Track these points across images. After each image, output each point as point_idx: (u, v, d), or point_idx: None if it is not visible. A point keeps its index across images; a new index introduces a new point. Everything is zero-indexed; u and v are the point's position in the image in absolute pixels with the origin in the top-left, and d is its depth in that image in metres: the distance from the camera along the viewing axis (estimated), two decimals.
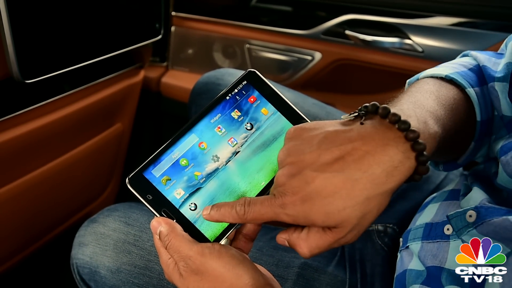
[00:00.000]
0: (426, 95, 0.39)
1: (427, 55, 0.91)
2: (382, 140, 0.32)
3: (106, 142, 0.95)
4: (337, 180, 0.31)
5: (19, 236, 0.87)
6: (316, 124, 0.36)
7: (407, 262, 0.46)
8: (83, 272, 0.57)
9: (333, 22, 0.97)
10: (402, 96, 0.39)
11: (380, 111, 0.33)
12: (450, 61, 0.48)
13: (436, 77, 0.44)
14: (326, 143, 0.33)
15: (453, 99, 0.41)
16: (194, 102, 0.77)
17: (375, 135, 0.32)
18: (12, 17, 0.57)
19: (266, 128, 0.43)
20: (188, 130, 0.42)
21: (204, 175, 0.41)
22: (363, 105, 0.35)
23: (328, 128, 0.34)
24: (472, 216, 0.39)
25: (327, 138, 0.33)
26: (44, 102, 0.71)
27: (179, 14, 1.11)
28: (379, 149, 0.31)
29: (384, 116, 0.33)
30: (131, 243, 0.56)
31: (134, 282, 0.54)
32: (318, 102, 0.72)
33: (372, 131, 0.32)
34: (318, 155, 0.32)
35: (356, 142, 0.32)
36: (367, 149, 0.31)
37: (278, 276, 0.54)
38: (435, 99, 0.39)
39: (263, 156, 0.43)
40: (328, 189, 0.31)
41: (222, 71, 0.77)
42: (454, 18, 0.90)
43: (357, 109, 0.35)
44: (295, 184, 0.32)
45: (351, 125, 0.34)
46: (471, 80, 0.44)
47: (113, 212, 0.59)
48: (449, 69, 0.45)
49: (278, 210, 0.33)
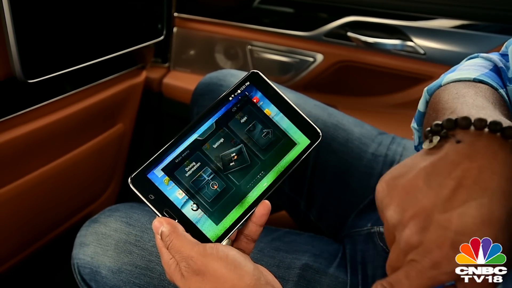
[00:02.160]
0: (474, 97, 0.36)
1: (429, 57, 0.91)
2: (486, 149, 0.29)
3: (108, 142, 0.95)
4: (472, 210, 0.27)
5: (20, 236, 0.87)
6: (404, 167, 0.31)
7: None
8: (84, 272, 0.57)
9: (335, 24, 0.97)
10: (451, 103, 0.36)
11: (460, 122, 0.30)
12: (463, 64, 0.46)
13: (465, 81, 0.41)
14: (433, 179, 0.29)
15: (499, 99, 0.39)
16: (196, 103, 0.77)
17: (476, 148, 0.29)
18: (15, 17, 0.57)
19: (269, 129, 0.43)
20: (191, 130, 0.42)
21: (206, 175, 0.41)
22: (434, 124, 0.31)
23: (421, 164, 0.30)
24: None
25: (430, 174, 0.29)
26: (46, 102, 0.71)
27: (181, 15, 1.11)
28: (492, 160, 0.28)
29: (466, 126, 0.30)
30: (132, 243, 0.56)
31: (135, 282, 0.54)
32: (319, 104, 0.73)
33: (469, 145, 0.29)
34: (435, 195, 0.28)
35: (464, 164, 0.28)
36: (479, 165, 0.28)
37: (279, 277, 0.54)
38: (486, 99, 0.36)
39: (265, 157, 0.43)
40: (470, 224, 0.28)
41: (224, 72, 0.77)
42: (456, 20, 0.90)
43: (428, 130, 0.32)
44: (435, 236, 0.28)
45: (440, 150, 0.30)
46: (499, 82, 0.42)
47: (114, 212, 0.59)
48: (473, 71, 0.42)
49: (433, 273, 0.28)
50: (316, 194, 0.68)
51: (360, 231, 0.62)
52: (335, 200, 0.67)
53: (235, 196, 0.41)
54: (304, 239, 0.62)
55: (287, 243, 0.60)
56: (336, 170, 0.67)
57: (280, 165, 0.43)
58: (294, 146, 0.43)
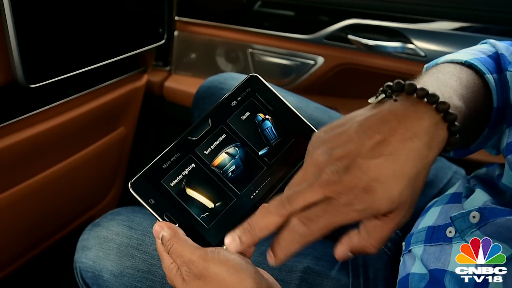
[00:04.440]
0: (448, 75, 0.40)
1: (430, 60, 0.90)
2: (415, 114, 0.33)
3: (109, 146, 0.95)
4: (389, 163, 0.32)
5: (22, 240, 0.87)
6: (343, 118, 0.36)
7: (410, 265, 0.46)
8: (86, 276, 0.57)
9: (336, 26, 0.97)
10: (423, 76, 0.39)
11: (407, 88, 0.34)
12: (469, 48, 0.49)
13: (456, 62, 0.44)
14: (364, 130, 0.33)
15: (473, 83, 0.42)
16: (197, 107, 0.77)
17: (407, 111, 0.33)
18: (17, 21, 0.57)
19: (268, 133, 0.43)
20: (190, 134, 0.42)
21: (206, 179, 0.41)
22: (386, 84, 0.36)
23: (359, 117, 0.35)
24: (475, 217, 0.39)
25: (363, 125, 0.33)
26: (48, 106, 0.71)
27: (182, 19, 1.11)
28: (415, 124, 0.32)
29: (411, 92, 0.34)
30: (134, 247, 0.56)
31: (137, 286, 0.54)
32: (321, 107, 0.72)
33: (403, 108, 0.33)
34: (361, 144, 0.32)
35: (392, 122, 0.33)
36: (404, 126, 0.32)
37: (281, 280, 0.54)
38: (457, 80, 0.40)
39: (264, 160, 0.43)
40: (385, 174, 0.31)
41: (225, 76, 0.77)
42: (457, 22, 0.90)
43: (380, 90, 0.36)
44: (352, 178, 0.32)
45: (379, 107, 0.35)
46: (490, 67, 0.44)
47: (116, 216, 0.59)
48: (469, 55, 0.45)
49: (345, 209, 0.32)
50: None
51: None
52: None
53: (236, 200, 0.41)
54: None
55: None
56: None
57: (281, 168, 0.43)
58: (295, 149, 0.44)
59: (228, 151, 0.42)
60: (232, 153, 0.42)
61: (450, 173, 0.65)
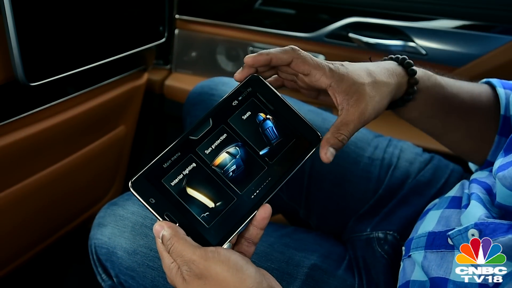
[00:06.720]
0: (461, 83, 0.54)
1: (431, 58, 0.91)
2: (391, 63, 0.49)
3: (110, 144, 0.95)
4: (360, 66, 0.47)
5: (22, 239, 0.87)
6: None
7: (410, 272, 0.46)
8: (101, 252, 0.58)
9: (337, 25, 0.97)
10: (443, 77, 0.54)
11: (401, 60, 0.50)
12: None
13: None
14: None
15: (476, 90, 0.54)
16: (188, 113, 0.76)
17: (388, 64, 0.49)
18: (17, 19, 0.57)
19: (269, 132, 0.43)
20: (191, 134, 0.42)
21: (207, 178, 0.41)
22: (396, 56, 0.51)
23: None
24: (474, 235, 0.39)
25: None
26: (48, 104, 0.71)
27: (182, 17, 1.11)
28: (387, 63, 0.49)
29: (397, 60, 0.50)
30: (148, 226, 0.56)
31: (149, 265, 0.55)
32: (314, 109, 0.71)
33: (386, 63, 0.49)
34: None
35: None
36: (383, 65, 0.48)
37: (287, 274, 0.54)
38: (460, 86, 0.53)
39: (265, 160, 0.43)
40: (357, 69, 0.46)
41: (215, 81, 0.75)
42: (458, 20, 0.90)
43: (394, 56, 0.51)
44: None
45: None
46: (506, 85, 0.54)
47: (132, 196, 0.60)
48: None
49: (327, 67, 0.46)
50: (315, 202, 0.68)
51: (360, 236, 0.62)
52: (334, 206, 0.67)
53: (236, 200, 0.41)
54: (312, 238, 0.62)
55: (296, 240, 0.60)
56: (333, 176, 0.66)
57: (281, 168, 0.43)
58: (296, 149, 0.43)
59: (229, 151, 0.42)
60: (233, 152, 0.42)
61: (447, 172, 0.65)
